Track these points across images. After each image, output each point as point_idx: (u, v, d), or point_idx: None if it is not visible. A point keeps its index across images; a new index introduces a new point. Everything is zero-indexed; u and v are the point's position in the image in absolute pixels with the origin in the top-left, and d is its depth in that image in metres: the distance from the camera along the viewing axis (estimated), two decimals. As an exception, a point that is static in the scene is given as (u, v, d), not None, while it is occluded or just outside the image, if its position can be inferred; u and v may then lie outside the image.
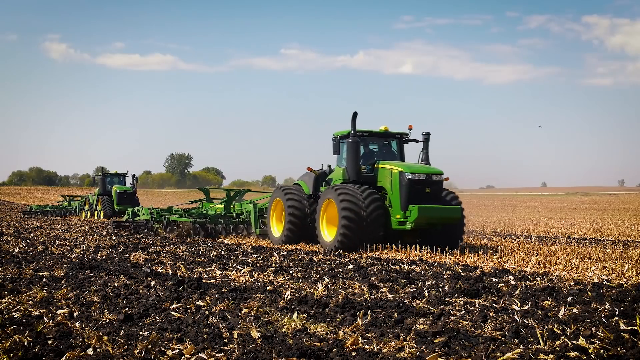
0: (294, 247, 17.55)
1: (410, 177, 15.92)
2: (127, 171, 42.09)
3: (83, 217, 41.20)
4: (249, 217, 21.71)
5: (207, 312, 7.60)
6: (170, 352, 5.81)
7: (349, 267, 12.30)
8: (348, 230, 15.72)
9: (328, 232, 16.76)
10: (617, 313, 7.30)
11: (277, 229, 18.94)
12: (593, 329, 6.50)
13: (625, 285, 9.92)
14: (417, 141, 17.72)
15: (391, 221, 16.09)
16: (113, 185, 40.33)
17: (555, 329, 6.51)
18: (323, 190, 17.50)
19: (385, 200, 16.37)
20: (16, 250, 15.40)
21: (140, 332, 6.56)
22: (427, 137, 17.55)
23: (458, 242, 16.37)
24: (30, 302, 8.38)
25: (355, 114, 16.70)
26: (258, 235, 20.63)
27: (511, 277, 10.73)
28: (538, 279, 10.73)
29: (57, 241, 18.67)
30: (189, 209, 26.01)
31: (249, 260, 13.60)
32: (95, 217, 39.22)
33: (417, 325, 6.86)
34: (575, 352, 5.66)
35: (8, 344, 6.02)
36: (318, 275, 11.09)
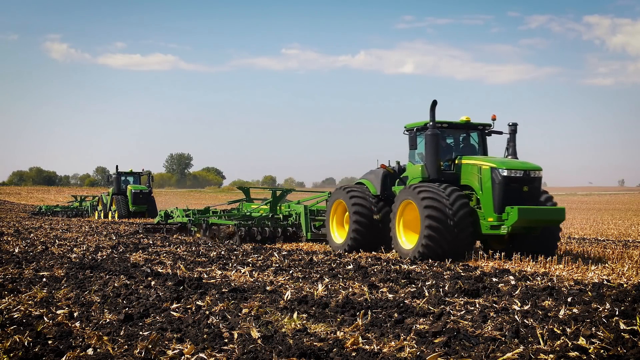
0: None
1: (505, 174, 13.82)
2: (143, 169, 40.26)
3: (96, 217, 39.73)
4: (298, 220, 19.97)
5: (207, 312, 7.60)
6: (170, 352, 5.80)
7: (349, 267, 12.30)
8: (432, 237, 13.63)
9: (406, 239, 14.73)
10: (617, 313, 7.30)
11: (338, 234, 16.98)
12: (593, 329, 6.50)
13: (625, 285, 9.92)
14: (501, 133, 15.62)
15: (481, 225, 14.08)
16: (128, 185, 38.75)
17: (555, 329, 6.51)
18: (396, 190, 15.80)
19: (471, 201, 14.42)
20: (16, 250, 15.41)
21: (141, 332, 6.56)
22: (514, 128, 15.37)
23: (555, 247, 14.50)
24: (30, 302, 8.38)
25: (434, 103, 14.67)
26: (309, 239, 18.94)
27: (511, 277, 10.72)
28: (538, 279, 10.73)
29: (57, 241, 18.67)
30: (228, 211, 24.29)
31: (249, 260, 13.60)
32: (110, 218, 37.80)
33: (417, 325, 6.86)
34: (576, 352, 5.66)
35: (8, 344, 6.02)
36: (318, 275, 11.09)
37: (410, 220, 14.68)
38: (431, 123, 14.62)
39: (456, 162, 15.02)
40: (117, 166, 39.39)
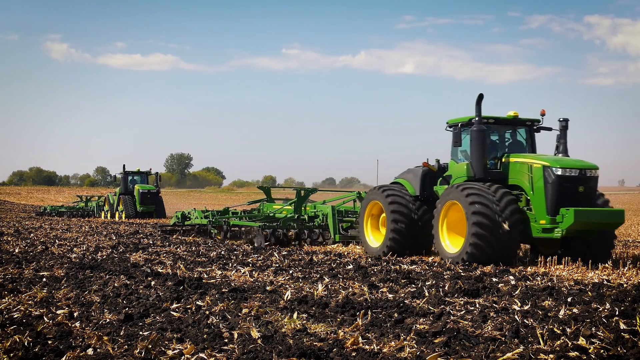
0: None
1: (559, 173, 12.93)
2: (150, 169, 39.46)
3: (102, 217, 38.93)
4: (325, 221, 18.98)
5: (207, 312, 7.60)
6: (170, 352, 5.81)
7: (349, 267, 12.29)
8: (480, 241, 12.79)
9: (450, 242, 13.78)
10: (617, 313, 7.30)
11: (373, 237, 15.87)
12: (593, 329, 6.50)
13: (625, 285, 9.92)
14: (550, 129, 14.65)
15: (531, 228, 13.22)
16: (135, 185, 37.86)
17: (555, 329, 6.51)
18: (439, 190, 14.73)
19: (520, 202, 13.48)
20: (16, 250, 15.40)
21: (141, 332, 6.56)
22: (565, 124, 14.37)
23: (609, 253, 13.64)
24: (30, 302, 8.38)
25: (481, 96, 13.80)
26: (337, 242, 18.12)
27: (511, 277, 10.72)
28: (538, 279, 10.73)
29: (57, 241, 18.67)
30: (248, 211, 23.56)
31: (249, 260, 13.60)
32: (117, 218, 37.10)
33: (417, 325, 6.86)
34: (576, 352, 5.66)
35: (8, 344, 6.02)
36: (318, 275, 11.09)
37: (455, 222, 13.79)
38: (477, 118, 13.79)
39: (503, 160, 14.12)
40: (124, 165, 38.49)
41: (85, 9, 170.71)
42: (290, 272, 11.60)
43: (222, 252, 15.29)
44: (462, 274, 11.28)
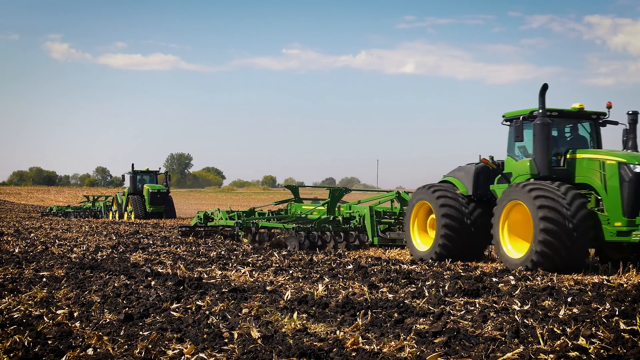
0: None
1: (638, 170, 11.76)
2: (160, 168, 38.90)
3: (110, 218, 38.21)
4: (361, 223, 17.83)
5: (207, 312, 7.60)
6: (170, 352, 5.81)
7: (349, 267, 12.29)
8: (548, 244, 11.64)
9: (512, 246, 12.61)
10: (617, 313, 7.30)
11: (420, 240, 14.82)
12: (593, 329, 6.50)
13: (625, 285, 9.92)
14: (616, 123, 13.61)
15: (603, 231, 12.00)
16: (144, 184, 37.04)
17: (555, 329, 6.51)
18: (496, 189, 13.65)
19: (589, 202, 12.22)
20: (16, 250, 15.41)
21: (141, 332, 6.56)
22: (634, 117, 13.29)
23: None
24: (30, 302, 8.38)
25: (545, 87, 12.70)
26: (376, 245, 17.22)
27: (511, 277, 10.73)
28: (538, 278, 10.73)
29: (57, 241, 18.67)
30: (276, 212, 22.22)
31: (249, 260, 13.60)
32: (125, 218, 36.36)
33: (417, 325, 6.86)
34: (576, 352, 5.66)
35: (8, 344, 6.02)
36: (318, 275, 11.10)
37: (517, 224, 12.62)
38: (541, 110, 12.65)
39: (568, 156, 12.96)
40: (132, 164, 37.67)
41: (85, 9, 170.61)
42: (290, 272, 11.60)
43: (222, 252, 15.29)
44: (462, 274, 11.29)
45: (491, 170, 14.17)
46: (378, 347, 6.03)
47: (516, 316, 7.23)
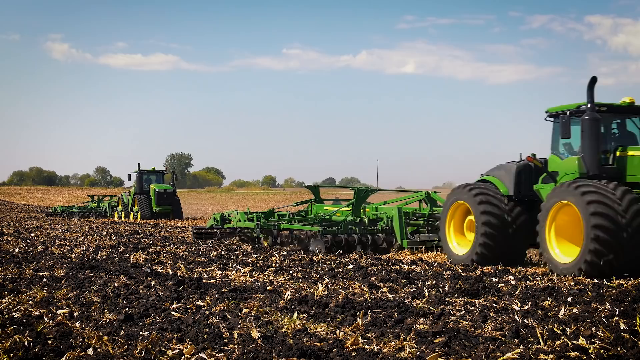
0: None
1: None
2: (166, 168, 38.18)
3: (116, 218, 37.68)
4: (389, 225, 17.01)
5: (207, 312, 7.60)
6: (170, 352, 5.81)
7: (349, 267, 12.29)
8: (602, 249, 10.88)
9: (561, 250, 11.78)
10: (617, 313, 7.30)
11: (457, 243, 14.06)
12: (593, 329, 6.50)
13: (625, 285, 9.92)
14: None
15: None
16: (151, 184, 36.53)
17: (555, 329, 6.51)
18: (541, 189, 12.96)
19: None
20: (16, 250, 15.41)
21: (141, 332, 6.56)
22: None
23: None
24: (30, 302, 8.38)
25: (594, 80, 12.01)
26: (406, 247, 16.51)
27: (511, 277, 10.73)
28: (538, 278, 10.74)
29: (57, 241, 18.67)
30: (296, 213, 21.29)
31: (249, 260, 13.61)
32: (131, 219, 35.80)
33: (417, 325, 6.86)
34: (576, 352, 5.66)
35: (8, 344, 6.02)
36: (318, 275, 11.09)
37: (565, 226, 11.87)
38: (589, 105, 11.91)
39: (618, 154, 12.18)
40: (139, 164, 37.10)
41: (86, 9, 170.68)
42: (290, 272, 11.60)
43: (222, 252, 15.29)
44: (462, 274, 11.29)
45: (533, 169, 13.44)
46: (378, 347, 6.03)
47: (516, 316, 7.23)
